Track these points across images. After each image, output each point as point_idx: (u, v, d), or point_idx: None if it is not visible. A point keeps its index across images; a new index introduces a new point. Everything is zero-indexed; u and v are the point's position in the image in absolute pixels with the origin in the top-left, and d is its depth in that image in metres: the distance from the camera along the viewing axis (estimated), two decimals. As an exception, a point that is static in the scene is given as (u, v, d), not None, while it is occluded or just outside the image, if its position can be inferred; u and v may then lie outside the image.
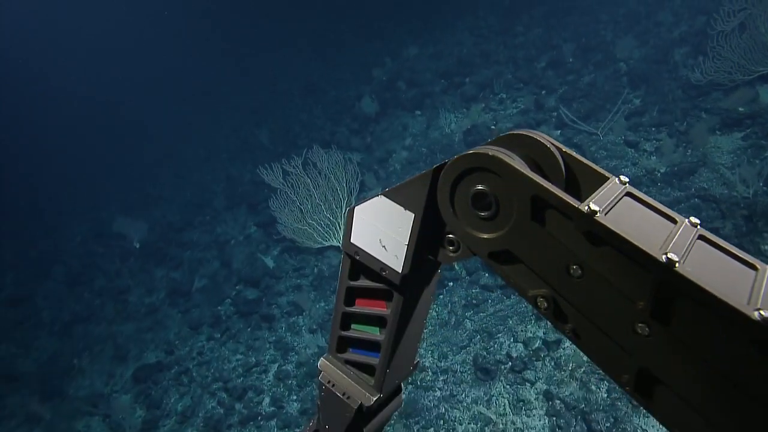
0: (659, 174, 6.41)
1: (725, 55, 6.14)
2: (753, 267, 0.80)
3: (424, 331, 6.96)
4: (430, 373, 6.46)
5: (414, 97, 10.09)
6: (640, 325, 0.78)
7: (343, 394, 1.28)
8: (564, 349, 5.95)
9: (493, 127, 8.26)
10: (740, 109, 6.45)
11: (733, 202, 5.43)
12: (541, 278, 0.90)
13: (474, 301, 6.89)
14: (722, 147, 6.42)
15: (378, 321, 1.24)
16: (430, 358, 6.58)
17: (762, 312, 0.65)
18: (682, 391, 0.77)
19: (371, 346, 1.26)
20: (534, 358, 5.95)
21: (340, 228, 8.42)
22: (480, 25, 11.78)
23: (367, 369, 1.29)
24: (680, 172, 6.21)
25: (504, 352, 6.20)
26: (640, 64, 8.25)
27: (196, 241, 11.02)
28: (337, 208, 8.31)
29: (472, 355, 6.35)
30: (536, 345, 6.06)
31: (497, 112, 8.83)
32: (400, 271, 1.11)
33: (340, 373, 1.30)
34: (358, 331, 1.27)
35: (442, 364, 6.44)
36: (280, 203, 8.13)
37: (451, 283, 7.34)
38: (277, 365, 7.55)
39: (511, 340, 6.33)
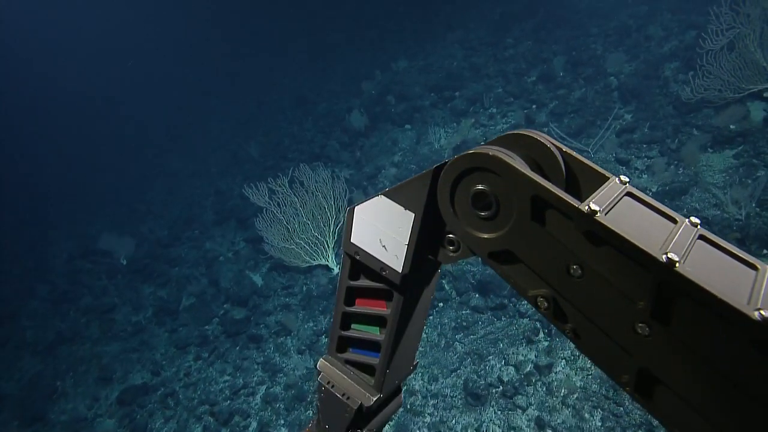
0: (651, 193, 6.31)
1: (715, 73, 6.06)
2: (753, 267, 0.79)
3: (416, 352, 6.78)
4: (419, 398, 6.29)
5: (404, 112, 9.98)
6: (640, 325, 0.77)
7: (343, 395, 1.26)
8: (556, 373, 5.81)
9: (481, 143, 8.15)
10: (731, 126, 6.37)
11: (725, 224, 5.33)
12: (541, 278, 0.89)
13: (464, 323, 6.74)
14: (714, 165, 6.33)
15: (378, 321, 1.23)
16: (420, 381, 6.42)
17: (762, 312, 0.64)
18: (682, 391, 0.76)
19: (371, 346, 1.25)
20: (525, 383, 5.80)
21: (328, 246, 8.27)
22: (470, 38, 11.70)
23: (367, 369, 1.28)
24: (672, 192, 6.11)
25: (495, 376, 6.05)
26: (631, 79, 8.17)
27: (185, 258, 10.82)
28: (324, 226, 8.16)
29: (463, 378, 6.20)
30: (527, 369, 5.92)
31: (487, 127, 8.72)
32: (400, 271, 1.11)
33: (340, 373, 1.29)
34: (358, 330, 1.26)
35: (433, 387, 6.28)
36: (266, 222, 7.96)
37: (441, 304, 7.19)
38: (264, 387, 7.37)
39: (502, 363, 6.19)
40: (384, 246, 1.12)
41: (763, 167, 5.80)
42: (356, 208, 1.17)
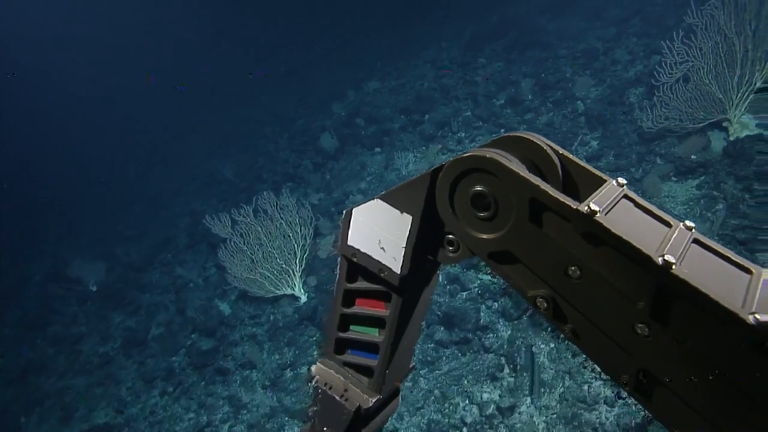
0: (613, 225, 6.13)
1: (673, 105, 5.90)
2: (748, 271, 0.78)
3: None
4: (383, 438, 6.08)
5: (373, 135, 9.78)
6: (639, 325, 0.77)
7: (341, 397, 1.24)
8: (519, 414, 5.59)
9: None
10: (693, 156, 6.21)
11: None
12: (541, 279, 0.89)
13: (429, 358, 6.51)
14: (677, 197, 6.17)
15: (377, 322, 1.21)
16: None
17: (757, 315, 0.64)
18: (681, 391, 0.76)
19: (369, 347, 1.22)
20: (487, 426, 5.58)
21: (294, 275, 8.02)
22: (442, 57, 11.52)
23: (365, 371, 1.25)
24: (633, 225, 5.93)
25: (458, 417, 5.83)
26: (597, 105, 8.01)
27: (156, 283, 10.52)
28: (290, 255, 7.91)
29: (427, 418, 5.98)
30: (490, 410, 5.70)
31: (455, 152, 8.52)
32: (399, 272, 1.09)
33: (337, 375, 1.27)
34: (356, 332, 1.24)
35: (398, 425, 6.06)
36: (229, 253, 7.71)
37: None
38: (228, 425, 7.10)
39: (466, 401, 5.97)
40: (382, 248, 1.11)
41: (723, 200, 5.64)
42: (353, 210, 1.15)
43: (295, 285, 8.05)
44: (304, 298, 8.06)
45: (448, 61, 11.13)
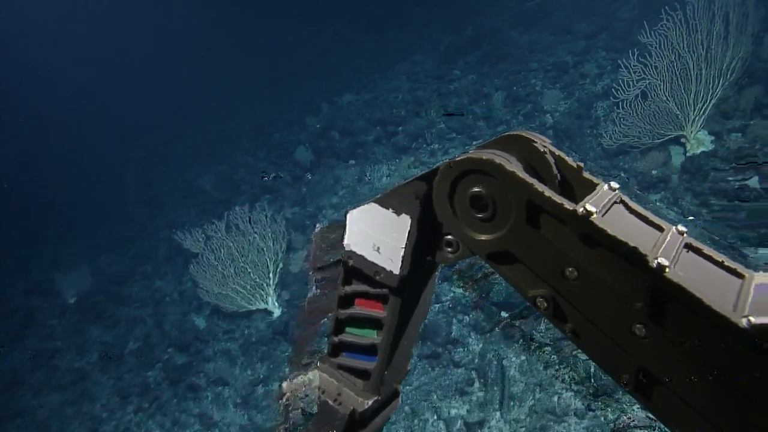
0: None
1: (632, 121, 5.96)
2: (739, 275, 0.78)
3: None
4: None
5: (348, 147, 9.77)
6: (637, 326, 0.76)
7: (334, 401, 1.22)
8: (489, 429, 5.58)
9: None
10: (653, 171, 6.27)
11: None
12: (540, 279, 0.88)
13: (398, 373, 6.49)
14: (637, 211, 6.21)
15: (374, 324, 1.18)
16: (352, 437, 6.16)
17: (750, 318, 0.64)
18: (680, 391, 0.75)
19: (366, 350, 1.20)
20: (455, 443, 5.57)
21: (268, 290, 7.97)
22: (417, 70, 11.55)
23: (360, 374, 1.23)
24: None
25: (426, 434, 5.81)
26: (565, 118, 8.06)
27: (135, 297, 10.39)
28: (263, 269, 7.86)
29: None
30: (457, 426, 5.68)
31: (428, 165, 8.53)
32: (396, 274, 1.08)
33: (331, 379, 1.25)
34: (352, 335, 1.22)
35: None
36: (200, 268, 7.64)
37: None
38: (200, 443, 7.04)
39: (435, 417, 5.95)
40: (377, 250, 1.10)
41: (681, 216, 5.69)
42: (348, 214, 1.15)
43: (268, 300, 7.99)
44: (277, 313, 8.00)
45: (423, 74, 11.16)
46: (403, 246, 1.06)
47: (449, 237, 1.03)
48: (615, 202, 0.87)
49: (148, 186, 14.73)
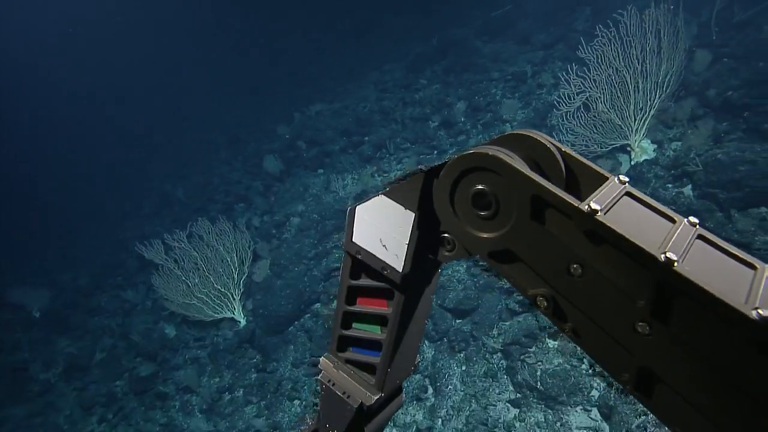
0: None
1: (578, 131, 6.12)
2: (752, 266, 0.76)
3: (310, 412, 6.50)
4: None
5: (315, 157, 9.85)
6: (640, 324, 0.75)
7: (344, 393, 1.22)
8: (437, 438, 5.66)
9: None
10: (599, 179, 6.43)
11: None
12: (541, 277, 0.87)
13: (356, 379, 6.55)
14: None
15: (379, 320, 1.18)
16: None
17: (760, 311, 0.63)
18: (682, 390, 0.74)
19: (372, 345, 1.20)
20: (405, 447, 5.65)
21: (234, 299, 8.00)
22: (386, 79, 11.68)
23: (367, 368, 1.22)
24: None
25: (379, 437, 5.87)
26: (522, 127, 8.24)
27: (104, 307, 10.34)
28: (228, 279, 7.89)
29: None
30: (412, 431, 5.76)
31: (389, 174, 8.64)
32: (401, 270, 1.07)
33: (341, 372, 1.24)
34: (359, 330, 1.22)
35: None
36: (163, 279, 7.65)
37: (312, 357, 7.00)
38: (163, 452, 7.03)
39: (390, 423, 6.02)
40: (385, 245, 1.08)
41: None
42: (357, 207, 1.12)
43: (234, 308, 8.02)
44: (243, 322, 8.04)
45: (391, 83, 11.29)
46: (408, 242, 1.04)
47: (447, 235, 1.02)
48: (624, 195, 0.85)
49: (124, 197, 14.65)
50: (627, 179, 0.88)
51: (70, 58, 21.81)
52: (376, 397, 1.20)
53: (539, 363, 5.22)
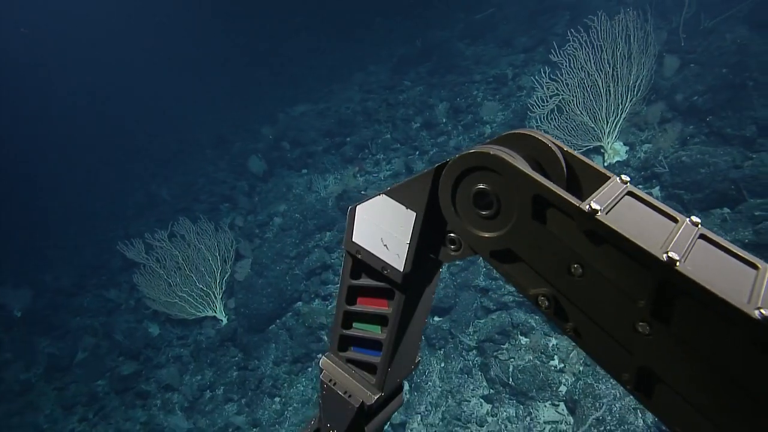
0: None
1: (552, 133, 6.25)
2: (754, 266, 0.76)
3: (290, 408, 6.48)
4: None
5: (299, 157, 9.90)
6: (640, 324, 0.74)
7: (345, 393, 1.21)
8: (411, 431, 5.76)
9: (363, 192, 8.12)
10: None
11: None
12: (542, 277, 0.86)
13: (335, 376, 6.62)
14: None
15: (379, 320, 1.18)
16: (287, 440, 6.27)
17: (763, 311, 0.62)
18: (682, 390, 0.74)
19: (373, 344, 1.20)
20: (380, 441, 5.73)
21: (215, 298, 8.03)
22: (370, 80, 11.75)
23: (368, 368, 1.22)
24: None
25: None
26: (502, 128, 8.36)
27: (87, 307, 10.30)
28: (210, 278, 7.92)
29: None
30: (385, 427, 5.84)
31: (371, 174, 8.71)
32: (401, 270, 1.07)
33: (342, 371, 1.24)
34: (359, 329, 1.21)
35: (298, 447, 6.12)
36: (144, 278, 7.66)
37: (320, 356, 7.05)
38: (143, 450, 7.04)
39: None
40: (385, 245, 1.08)
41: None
42: (358, 207, 1.12)
43: (216, 307, 8.05)
44: (225, 320, 8.07)
45: (376, 84, 11.36)
46: (410, 241, 1.04)
47: (452, 234, 1.01)
48: (625, 195, 0.85)
49: (108, 197, 14.56)
50: (629, 179, 0.88)
51: (53, 57, 21.60)
52: (376, 397, 1.20)
53: (511, 359, 5.34)
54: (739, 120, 5.09)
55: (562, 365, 5.07)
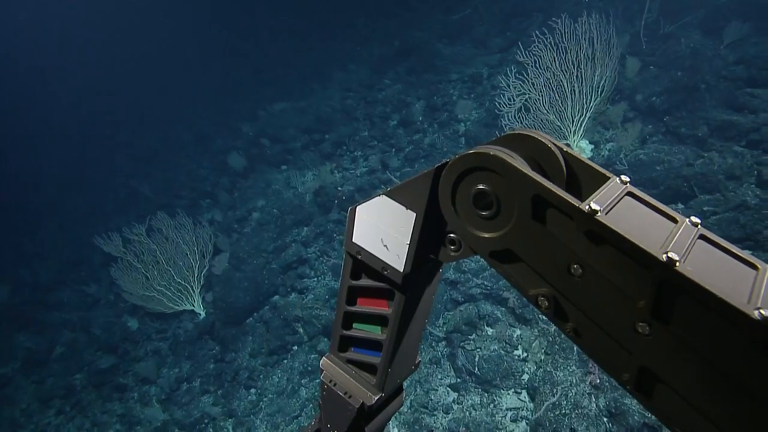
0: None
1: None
2: (754, 266, 0.75)
3: (265, 399, 6.50)
4: (260, 448, 6.17)
5: (278, 154, 9.91)
6: (640, 324, 0.74)
7: (345, 393, 1.20)
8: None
9: (339, 189, 8.17)
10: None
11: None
12: (542, 277, 0.85)
13: (310, 368, 6.68)
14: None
15: (380, 320, 1.16)
16: (264, 430, 6.31)
17: (762, 311, 0.61)
18: (682, 390, 0.73)
19: (373, 345, 1.19)
20: (352, 429, 5.81)
21: (194, 291, 8.01)
22: (351, 79, 11.79)
23: (368, 368, 1.21)
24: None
25: (329, 423, 6.02)
26: (475, 126, 8.48)
27: (65, 302, 10.18)
28: (188, 272, 7.89)
29: (298, 426, 6.13)
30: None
31: (348, 171, 8.76)
32: (401, 271, 1.05)
33: (342, 372, 1.23)
34: (359, 330, 1.20)
35: (273, 437, 6.18)
36: (121, 271, 7.62)
37: (296, 348, 7.11)
38: (120, 442, 7.02)
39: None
40: (386, 245, 1.07)
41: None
42: (358, 207, 1.10)
43: (194, 301, 8.04)
44: (203, 314, 8.06)
45: (356, 83, 11.40)
46: (410, 242, 1.03)
47: (452, 235, 0.99)
48: (625, 195, 0.84)
49: (88, 193, 14.36)
50: (628, 179, 0.88)
51: (31, 52, 21.16)
52: (376, 397, 1.18)
53: (478, 349, 5.45)
54: (693, 120, 5.26)
55: (525, 354, 5.20)
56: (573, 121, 6.32)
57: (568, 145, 6.50)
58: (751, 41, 6.25)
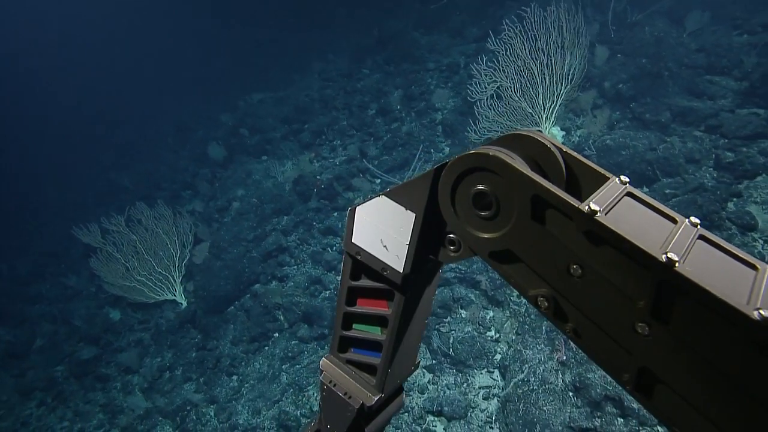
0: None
1: (493, 118, 6.43)
2: (753, 267, 0.74)
3: (246, 385, 6.51)
4: (240, 433, 6.21)
5: (258, 144, 9.82)
6: (640, 324, 0.73)
7: (345, 394, 1.19)
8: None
9: (318, 177, 8.15)
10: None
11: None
12: (542, 278, 0.84)
13: (290, 354, 6.71)
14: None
15: (379, 321, 1.16)
16: (245, 415, 6.33)
17: (762, 311, 0.61)
18: (682, 391, 0.73)
19: (373, 346, 1.18)
20: (332, 412, 5.86)
21: (174, 281, 7.95)
22: (329, 69, 11.70)
23: (368, 369, 1.20)
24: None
25: (308, 407, 6.08)
26: (452, 115, 8.51)
27: (45, 295, 10.02)
28: (168, 262, 7.83)
29: (280, 410, 6.17)
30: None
31: (327, 160, 8.74)
32: (401, 271, 1.05)
33: (342, 372, 1.22)
34: (359, 331, 1.19)
35: (254, 421, 6.21)
36: (101, 262, 7.52)
37: (277, 335, 7.13)
38: (102, 431, 6.98)
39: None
40: (385, 246, 1.05)
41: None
42: (357, 208, 1.09)
43: (176, 291, 7.98)
44: (184, 303, 8.02)
45: (335, 73, 11.32)
46: (409, 243, 1.02)
47: (452, 235, 0.98)
48: (625, 196, 0.83)
49: (70, 185, 14.07)
50: (628, 179, 0.87)
51: (9, 44, 20.49)
52: (376, 398, 1.18)
53: (452, 331, 5.54)
54: (656, 107, 5.37)
55: (498, 335, 5.30)
56: (544, 108, 6.39)
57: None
58: (710, 29, 6.38)
